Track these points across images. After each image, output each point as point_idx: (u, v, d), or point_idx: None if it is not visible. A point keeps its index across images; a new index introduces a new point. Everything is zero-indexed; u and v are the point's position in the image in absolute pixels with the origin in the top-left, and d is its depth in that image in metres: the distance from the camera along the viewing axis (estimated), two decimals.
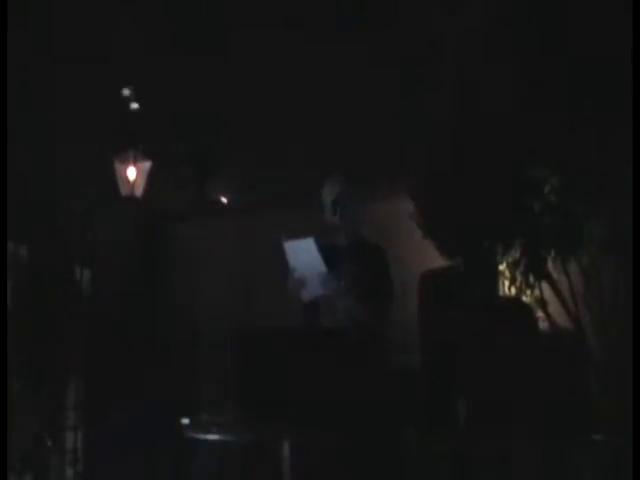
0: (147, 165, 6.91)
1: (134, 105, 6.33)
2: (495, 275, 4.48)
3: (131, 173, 6.81)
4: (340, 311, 3.62)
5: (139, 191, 6.84)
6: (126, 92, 6.24)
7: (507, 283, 4.65)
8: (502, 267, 4.61)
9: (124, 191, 6.82)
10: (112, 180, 6.86)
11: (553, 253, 4.29)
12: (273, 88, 6.26)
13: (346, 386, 3.37)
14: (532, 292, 4.55)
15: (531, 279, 4.51)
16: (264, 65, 6.08)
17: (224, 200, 7.78)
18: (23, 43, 5.27)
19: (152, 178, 6.93)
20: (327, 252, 3.52)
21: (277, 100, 6.30)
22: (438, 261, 4.88)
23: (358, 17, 5.50)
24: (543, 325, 4.43)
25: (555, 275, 4.49)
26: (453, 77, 4.51)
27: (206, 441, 4.66)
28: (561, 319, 4.43)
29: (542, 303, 4.52)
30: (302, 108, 6.34)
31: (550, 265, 4.46)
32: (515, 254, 4.43)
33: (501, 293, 4.56)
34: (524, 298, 4.56)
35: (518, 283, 4.53)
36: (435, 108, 4.48)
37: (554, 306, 4.48)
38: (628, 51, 3.46)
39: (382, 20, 5.45)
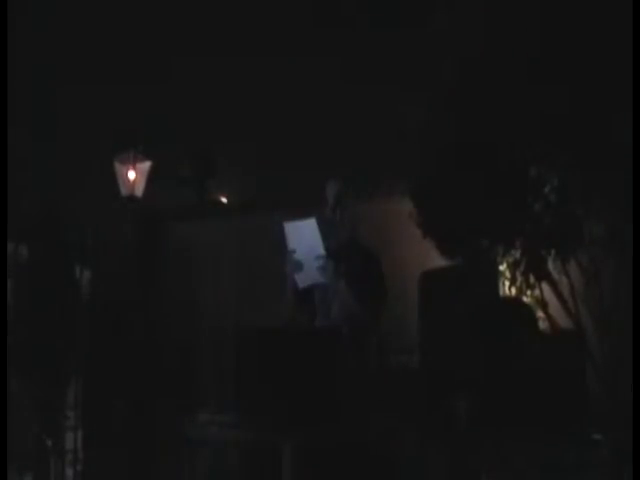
0: (147, 165, 6.92)
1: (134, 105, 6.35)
2: (495, 275, 4.47)
3: (131, 173, 6.82)
4: (336, 305, 3.62)
5: (139, 191, 6.85)
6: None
7: (507, 283, 4.65)
8: (502, 267, 4.61)
9: (124, 191, 6.83)
10: (112, 180, 6.86)
11: (553, 253, 4.29)
12: (273, 88, 6.27)
13: (346, 386, 3.37)
14: (532, 292, 4.55)
15: (531, 279, 4.51)
16: (264, 65, 6.09)
17: (224, 200, 7.79)
18: (24, 44, 5.28)
19: (152, 178, 6.94)
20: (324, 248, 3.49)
21: (277, 100, 6.31)
22: (438, 261, 4.88)
23: (357, 17, 5.50)
24: (543, 325, 4.43)
25: (555, 275, 4.49)
26: (453, 76, 4.51)
27: (206, 440, 4.67)
28: (561, 319, 4.43)
29: (542, 303, 4.52)
30: (302, 108, 6.35)
31: (550, 265, 4.46)
32: (515, 254, 4.43)
33: (501, 293, 4.55)
34: (524, 298, 4.56)
35: (518, 283, 4.52)
36: (435, 107, 4.48)
37: (554, 306, 4.48)
38: (629, 50, 3.47)
39: (381, 20, 5.46)
